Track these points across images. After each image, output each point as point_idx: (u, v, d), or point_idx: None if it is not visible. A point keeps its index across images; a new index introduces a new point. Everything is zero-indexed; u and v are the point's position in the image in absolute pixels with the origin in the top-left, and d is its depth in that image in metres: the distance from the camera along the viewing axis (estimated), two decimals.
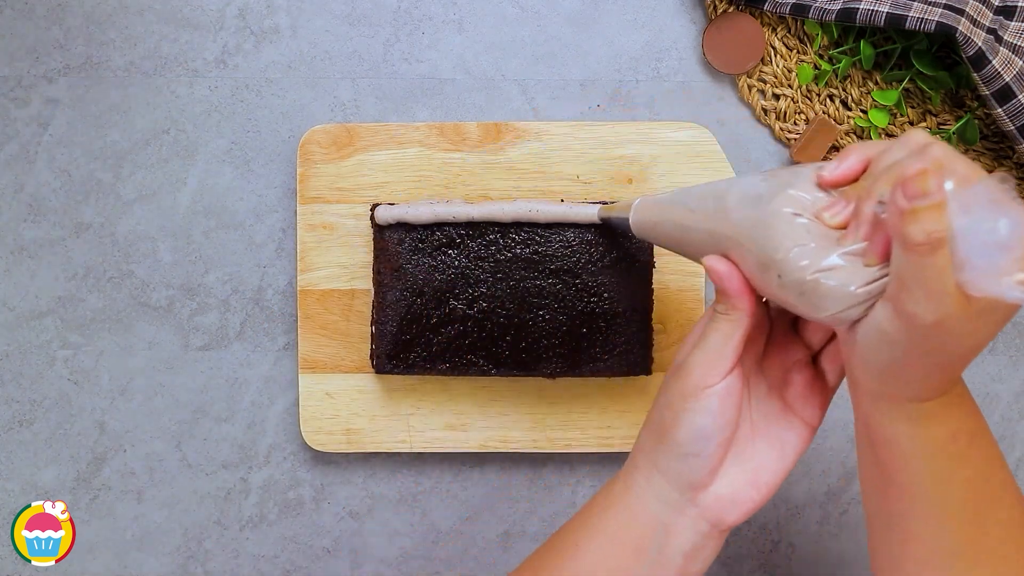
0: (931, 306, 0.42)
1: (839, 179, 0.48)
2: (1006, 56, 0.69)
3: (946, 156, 0.44)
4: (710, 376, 0.50)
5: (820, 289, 0.45)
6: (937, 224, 0.41)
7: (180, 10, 0.75)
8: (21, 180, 0.75)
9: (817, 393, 0.53)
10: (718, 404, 0.50)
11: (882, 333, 0.44)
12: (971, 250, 0.40)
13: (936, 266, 0.41)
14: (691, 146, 0.73)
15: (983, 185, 0.41)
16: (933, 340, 0.43)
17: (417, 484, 0.76)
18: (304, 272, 0.73)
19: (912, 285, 0.42)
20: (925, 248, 0.41)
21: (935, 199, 0.41)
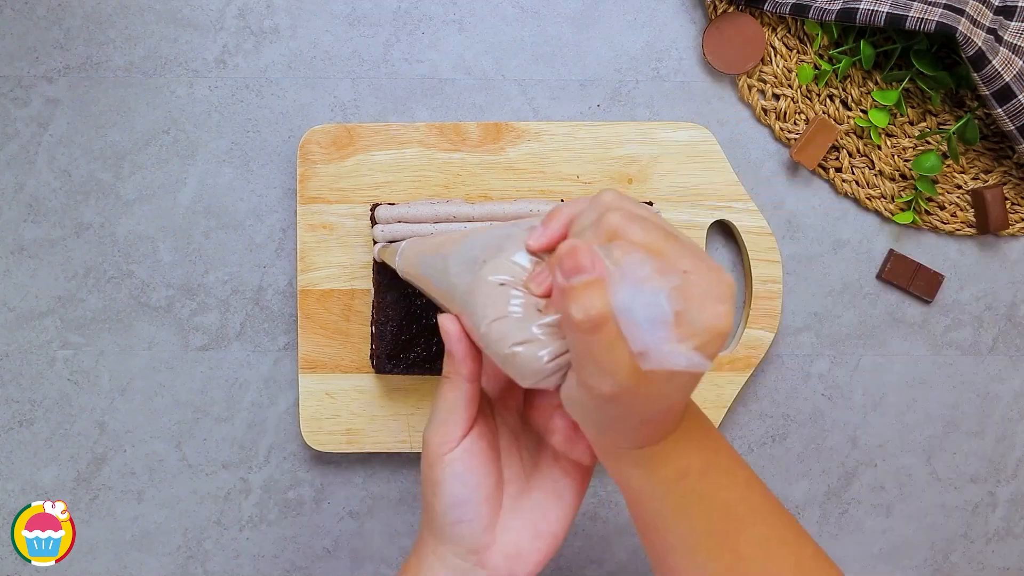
0: (605, 380, 0.42)
1: (545, 245, 0.47)
2: (1006, 56, 0.69)
3: (621, 222, 0.43)
4: (445, 443, 0.51)
5: (517, 360, 0.45)
6: (595, 302, 0.40)
7: (180, 10, 0.75)
8: (21, 180, 0.75)
9: (581, 434, 0.52)
10: (462, 468, 0.51)
11: (575, 399, 0.45)
12: (636, 323, 0.40)
13: (602, 343, 0.41)
14: (691, 146, 0.73)
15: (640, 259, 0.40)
16: (619, 407, 0.43)
17: (417, 484, 0.76)
18: (304, 272, 0.73)
19: (584, 360, 0.42)
20: (587, 326, 0.41)
21: (591, 276, 0.41)
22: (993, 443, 0.77)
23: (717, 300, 0.42)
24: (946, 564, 0.78)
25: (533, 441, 0.54)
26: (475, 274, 0.48)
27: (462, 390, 0.51)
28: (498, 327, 0.46)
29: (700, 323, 0.41)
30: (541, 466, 0.54)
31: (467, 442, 0.51)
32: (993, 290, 0.76)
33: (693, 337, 0.40)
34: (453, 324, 0.51)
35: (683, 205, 0.74)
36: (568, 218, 0.48)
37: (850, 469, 0.77)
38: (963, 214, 0.76)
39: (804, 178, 0.76)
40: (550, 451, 0.53)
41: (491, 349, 0.47)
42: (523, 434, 0.55)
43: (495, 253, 0.48)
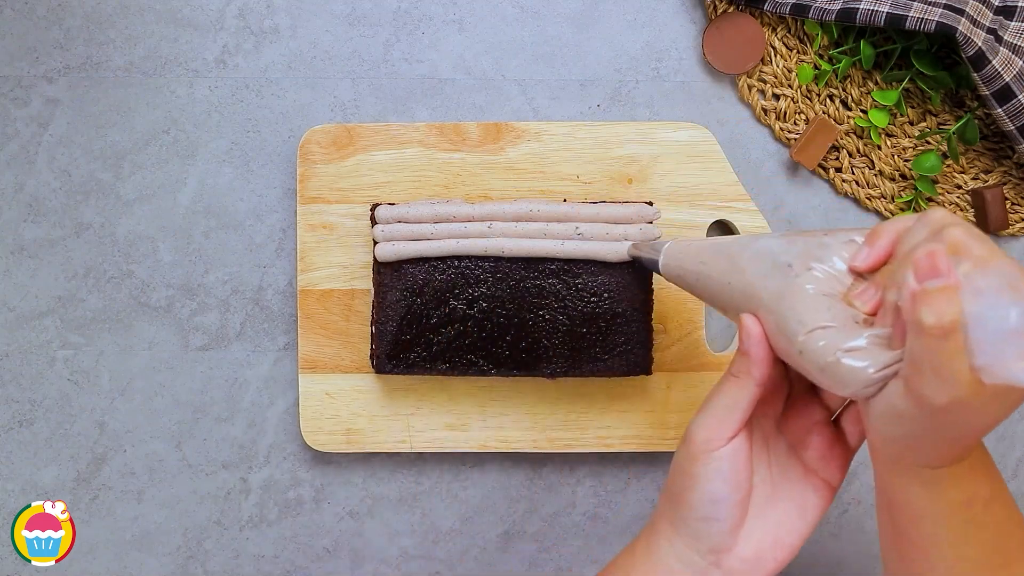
0: (942, 389, 0.42)
1: (872, 265, 0.48)
2: (1006, 56, 0.69)
3: (964, 237, 0.43)
4: (714, 439, 0.51)
5: (840, 369, 0.45)
6: (949, 308, 0.40)
7: (180, 10, 0.75)
8: (21, 180, 0.75)
9: (837, 454, 0.53)
10: (727, 467, 0.50)
11: (895, 409, 0.45)
12: (984, 336, 0.40)
13: (948, 351, 0.41)
14: (691, 146, 0.73)
15: (998, 269, 0.41)
16: (944, 420, 0.43)
17: (417, 484, 0.76)
18: (304, 272, 0.73)
19: (924, 368, 0.42)
20: (937, 332, 0.41)
21: (946, 282, 0.41)
22: (993, 443, 0.77)
23: None
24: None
25: (783, 451, 0.54)
26: (788, 280, 0.48)
27: (748, 391, 0.50)
28: (820, 335, 0.46)
29: None
30: (789, 477, 0.53)
31: (736, 442, 0.51)
32: None
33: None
34: (756, 325, 0.50)
35: (683, 205, 0.74)
36: (895, 235, 0.48)
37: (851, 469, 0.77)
38: (963, 214, 0.76)
39: (804, 178, 0.76)
40: (800, 465, 0.53)
41: (808, 357, 0.46)
42: (775, 442, 0.54)
43: (809, 261, 0.48)
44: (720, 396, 0.51)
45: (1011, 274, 0.40)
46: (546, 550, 0.77)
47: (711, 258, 0.55)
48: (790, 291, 0.48)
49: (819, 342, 0.46)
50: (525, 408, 0.74)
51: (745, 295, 0.51)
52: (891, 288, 0.45)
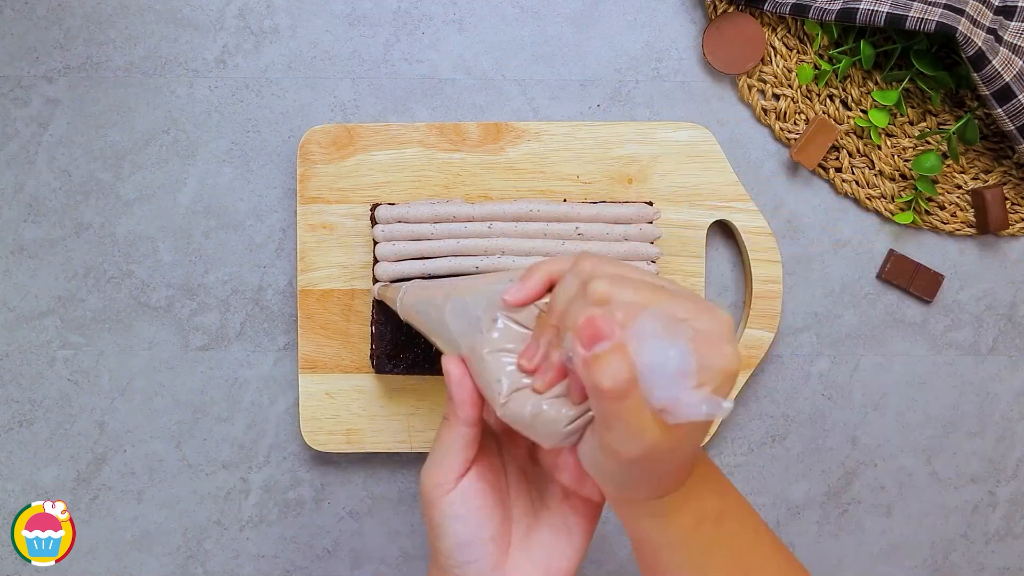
0: (633, 443, 0.42)
1: (521, 301, 0.48)
2: (1006, 56, 0.69)
3: (608, 288, 0.43)
4: (443, 484, 0.50)
5: (537, 425, 0.46)
6: (621, 367, 0.41)
7: (180, 10, 0.75)
8: (21, 180, 0.75)
9: None
10: (462, 509, 0.50)
11: (597, 461, 0.45)
12: (654, 382, 0.40)
13: (630, 406, 0.41)
14: (691, 146, 0.73)
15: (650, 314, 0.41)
16: (644, 465, 0.44)
17: (417, 484, 0.76)
18: (304, 272, 0.73)
19: (612, 426, 0.42)
20: (615, 393, 0.41)
21: (612, 343, 0.41)
22: (993, 443, 0.77)
23: (722, 341, 0.42)
24: (946, 564, 0.78)
25: (542, 478, 0.54)
26: (475, 335, 0.49)
27: (459, 433, 0.50)
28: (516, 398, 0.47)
29: (714, 367, 0.41)
30: (550, 503, 0.53)
31: (465, 482, 0.50)
32: (993, 290, 0.76)
33: (710, 382, 0.41)
34: (456, 367, 0.50)
35: (683, 205, 0.73)
36: (547, 276, 0.48)
37: (850, 469, 0.77)
38: (963, 214, 0.76)
39: (804, 178, 0.76)
40: (559, 488, 0.53)
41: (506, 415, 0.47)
42: (532, 471, 0.54)
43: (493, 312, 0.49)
44: (438, 442, 0.51)
45: (662, 316, 0.41)
46: None
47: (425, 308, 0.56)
48: (481, 349, 0.49)
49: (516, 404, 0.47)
50: None
51: (452, 346, 0.52)
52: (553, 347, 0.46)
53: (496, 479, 0.52)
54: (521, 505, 0.53)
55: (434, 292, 0.56)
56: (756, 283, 0.74)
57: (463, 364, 0.50)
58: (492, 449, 0.53)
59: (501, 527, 0.51)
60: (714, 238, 0.75)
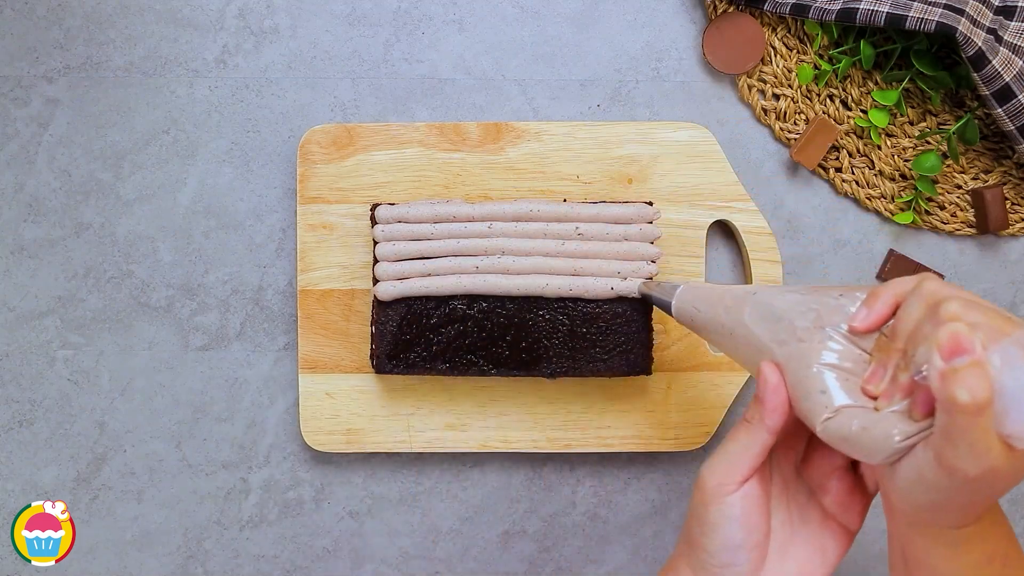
0: (977, 461, 0.42)
1: (871, 327, 0.48)
2: (1006, 56, 0.69)
3: (961, 310, 0.44)
4: (726, 484, 0.51)
5: (864, 440, 0.46)
6: (980, 383, 0.41)
7: (180, 10, 0.75)
8: (21, 180, 0.75)
9: (856, 500, 0.53)
10: (739, 512, 0.50)
11: (924, 478, 0.45)
12: (1011, 404, 0.40)
13: (981, 424, 0.41)
14: (691, 146, 0.73)
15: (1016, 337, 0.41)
16: (975, 487, 0.44)
17: (417, 484, 0.76)
18: (304, 272, 0.73)
19: (957, 441, 0.42)
20: (972, 409, 0.41)
21: (973, 358, 0.41)
22: None
23: None
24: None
25: (803, 494, 0.54)
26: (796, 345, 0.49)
27: (760, 439, 0.50)
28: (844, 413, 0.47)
29: None
30: (809, 521, 0.53)
31: (748, 486, 0.51)
32: (993, 290, 0.76)
33: None
34: (774, 374, 0.50)
35: (683, 205, 0.74)
36: (893, 298, 0.48)
37: None
38: (963, 214, 0.76)
39: (804, 178, 0.76)
40: (819, 510, 0.53)
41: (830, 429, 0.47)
42: (794, 485, 0.54)
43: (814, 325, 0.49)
44: (732, 441, 0.51)
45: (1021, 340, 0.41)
46: (546, 550, 0.77)
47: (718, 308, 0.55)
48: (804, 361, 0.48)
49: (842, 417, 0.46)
50: (525, 408, 0.74)
51: (754, 348, 0.52)
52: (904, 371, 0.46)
53: (767, 488, 0.53)
54: (779, 517, 0.53)
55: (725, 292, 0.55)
56: (756, 283, 0.74)
57: (780, 371, 0.50)
58: (766, 460, 0.53)
59: (766, 536, 0.52)
60: (714, 238, 0.75)
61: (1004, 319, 0.44)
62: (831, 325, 0.49)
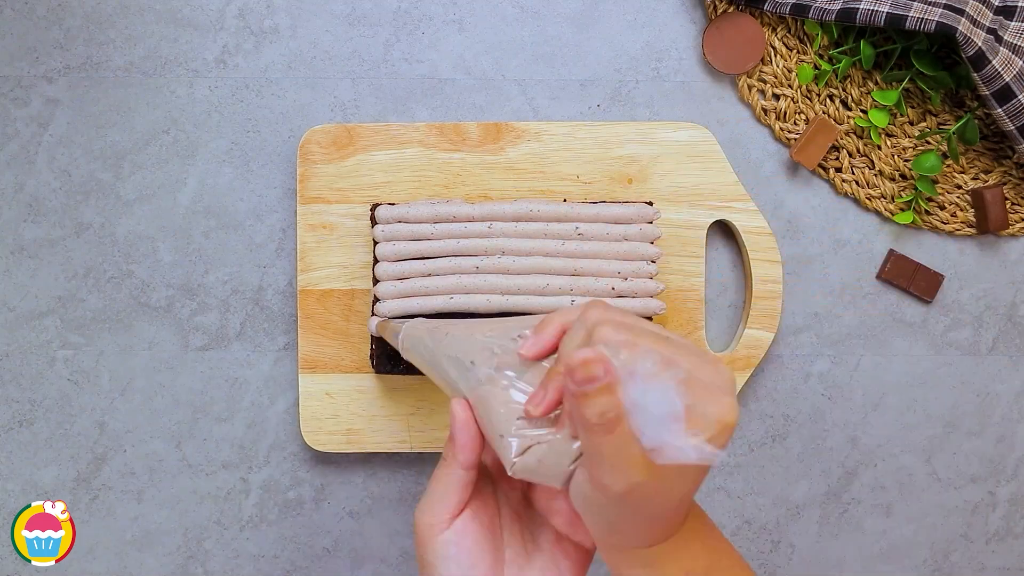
0: (619, 477, 0.43)
1: (537, 355, 0.49)
2: (1006, 56, 0.69)
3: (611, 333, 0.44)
4: (436, 524, 0.51)
5: (544, 469, 0.47)
6: (609, 404, 0.42)
7: (180, 10, 0.75)
8: (21, 180, 0.75)
9: None
10: (455, 549, 0.51)
11: (586, 497, 0.46)
12: (643, 421, 0.41)
13: (616, 442, 0.42)
14: (691, 146, 0.73)
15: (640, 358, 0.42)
16: (632, 502, 0.44)
17: (417, 484, 0.76)
18: (304, 272, 0.73)
19: (599, 459, 0.43)
20: (601, 428, 0.42)
21: (603, 383, 0.42)
22: (993, 443, 0.77)
23: (722, 393, 0.43)
24: (946, 564, 0.78)
25: (535, 520, 0.54)
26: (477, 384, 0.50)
27: (457, 475, 0.51)
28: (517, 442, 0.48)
29: (710, 416, 0.42)
30: (543, 546, 0.53)
31: (459, 522, 0.51)
32: (993, 290, 0.76)
33: (704, 430, 0.42)
34: (463, 411, 0.51)
35: (683, 205, 0.74)
36: (559, 327, 0.49)
37: (850, 469, 0.77)
38: (963, 214, 0.76)
39: (804, 178, 0.76)
40: (552, 531, 0.53)
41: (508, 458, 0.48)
42: (524, 513, 0.54)
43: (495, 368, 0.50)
44: (434, 481, 0.52)
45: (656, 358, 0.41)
46: None
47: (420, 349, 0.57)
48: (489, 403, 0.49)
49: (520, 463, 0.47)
50: None
51: (450, 388, 0.53)
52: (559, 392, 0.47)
53: (490, 519, 0.52)
54: (514, 546, 0.53)
55: (426, 334, 0.57)
56: (756, 283, 0.74)
57: (469, 408, 0.51)
58: (487, 489, 0.53)
59: (493, 568, 0.52)
60: (714, 238, 0.75)
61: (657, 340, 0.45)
62: (508, 366, 0.50)
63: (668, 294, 0.73)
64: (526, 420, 0.48)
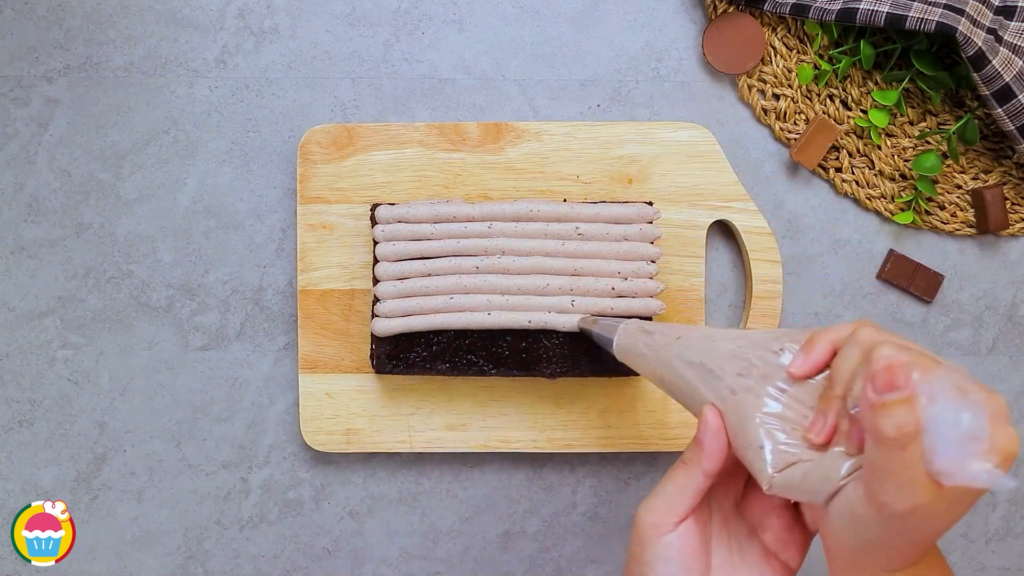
0: (903, 496, 0.42)
1: (808, 373, 0.49)
2: (1006, 56, 0.69)
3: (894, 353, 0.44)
4: (662, 524, 0.51)
5: (806, 485, 0.46)
6: (908, 418, 0.41)
7: (180, 10, 0.75)
8: (21, 180, 0.75)
9: (796, 538, 0.52)
10: (676, 552, 0.51)
11: (855, 514, 0.45)
12: (940, 441, 0.40)
13: (908, 459, 0.42)
14: (691, 146, 0.73)
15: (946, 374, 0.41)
16: (905, 524, 0.44)
17: (417, 484, 0.76)
18: (304, 272, 0.73)
19: (884, 476, 0.43)
20: (897, 442, 0.41)
21: (904, 393, 0.41)
22: None
23: (1003, 421, 0.43)
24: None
25: (744, 531, 0.54)
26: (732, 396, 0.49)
27: (696, 480, 0.51)
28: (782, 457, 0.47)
29: (997, 443, 0.42)
30: (748, 559, 0.53)
31: (685, 526, 0.51)
32: (993, 290, 0.76)
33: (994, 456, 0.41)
34: (716, 419, 0.50)
35: (683, 205, 0.74)
36: (830, 344, 0.48)
37: None
38: (963, 214, 0.76)
39: (804, 178, 0.76)
40: (760, 547, 0.53)
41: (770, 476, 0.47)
42: (735, 523, 0.54)
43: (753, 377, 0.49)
44: (669, 482, 0.52)
45: (958, 379, 0.41)
46: (546, 550, 0.77)
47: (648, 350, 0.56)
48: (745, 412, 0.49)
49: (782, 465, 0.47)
50: (525, 408, 0.74)
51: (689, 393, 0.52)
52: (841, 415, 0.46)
53: (706, 527, 0.53)
54: (720, 554, 0.53)
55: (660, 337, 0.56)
56: (756, 283, 0.74)
57: (721, 416, 0.50)
58: (705, 497, 0.53)
59: (704, 574, 0.52)
60: (714, 238, 0.75)
61: (936, 362, 0.44)
62: (770, 379, 0.49)
63: (668, 294, 0.73)
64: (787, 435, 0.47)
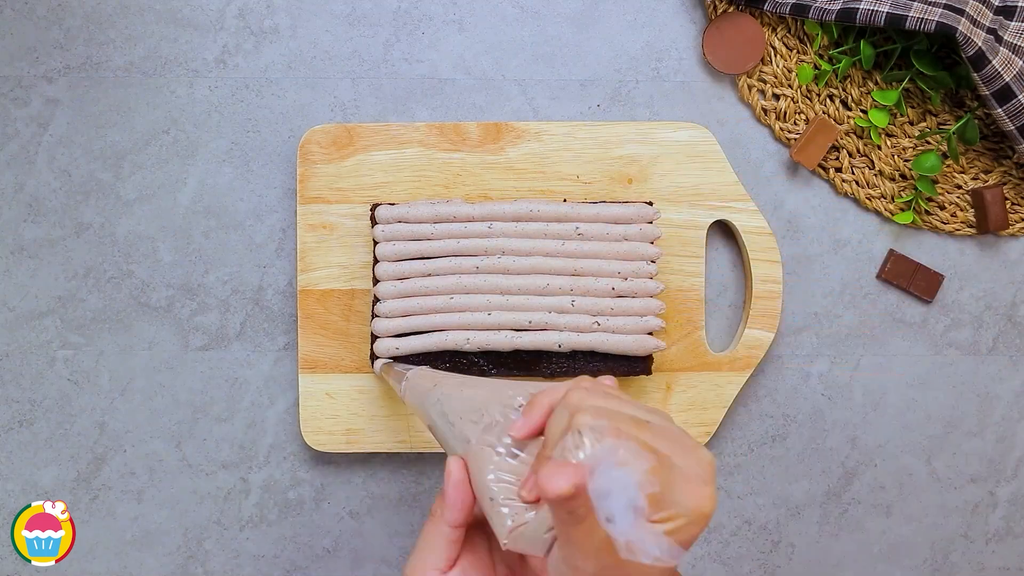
0: (589, 562, 0.43)
1: (527, 435, 0.49)
2: (1006, 56, 0.69)
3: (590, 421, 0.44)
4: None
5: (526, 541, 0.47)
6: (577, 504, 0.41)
7: (180, 10, 0.75)
8: (21, 180, 0.75)
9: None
10: None
11: (561, 571, 0.45)
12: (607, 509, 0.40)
13: (585, 529, 0.42)
14: (691, 146, 0.73)
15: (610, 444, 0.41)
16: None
17: (417, 484, 0.76)
18: (304, 272, 0.73)
19: (567, 543, 0.43)
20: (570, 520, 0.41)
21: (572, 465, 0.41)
22: (993, 443, 0.77)
23: (700, 481, 0.43)
24: (946, 564, 0.78)
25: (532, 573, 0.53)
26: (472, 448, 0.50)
27: (444, 532, 0.51)
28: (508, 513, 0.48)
29: (683, 505, 0.42)
30: None
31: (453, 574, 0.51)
32: (993, 290, 0.76)
33: (674, 519, 0.41)
34: (459, 470, 0.50)
35: (683, 205, 0.74)
36: (547, 408, 0.49)
37: (850, 469, 0.77)
38: (963, 214, 0.76)
39: (804, 178, 0.76)
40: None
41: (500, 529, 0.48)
42: (520, 570, 0.54)
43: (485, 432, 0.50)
44: (421, 537, 0.52)
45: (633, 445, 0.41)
46: None
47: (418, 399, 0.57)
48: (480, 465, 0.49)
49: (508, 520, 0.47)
50: None
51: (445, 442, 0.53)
52: None
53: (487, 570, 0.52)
54: None
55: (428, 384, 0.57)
56: (756, 283, 0.74)
57: (465, 467, 0.50)
58: (482, 546, 0.53)
59: None
60: (714, 238, 0.75)
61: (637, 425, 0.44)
62: (496, 433, 0.50)
63: (668, 294, 0.73)
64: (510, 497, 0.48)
